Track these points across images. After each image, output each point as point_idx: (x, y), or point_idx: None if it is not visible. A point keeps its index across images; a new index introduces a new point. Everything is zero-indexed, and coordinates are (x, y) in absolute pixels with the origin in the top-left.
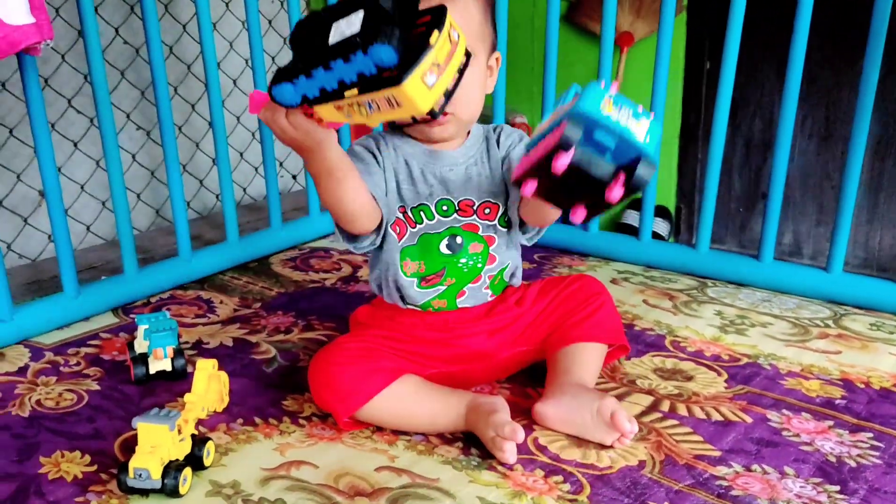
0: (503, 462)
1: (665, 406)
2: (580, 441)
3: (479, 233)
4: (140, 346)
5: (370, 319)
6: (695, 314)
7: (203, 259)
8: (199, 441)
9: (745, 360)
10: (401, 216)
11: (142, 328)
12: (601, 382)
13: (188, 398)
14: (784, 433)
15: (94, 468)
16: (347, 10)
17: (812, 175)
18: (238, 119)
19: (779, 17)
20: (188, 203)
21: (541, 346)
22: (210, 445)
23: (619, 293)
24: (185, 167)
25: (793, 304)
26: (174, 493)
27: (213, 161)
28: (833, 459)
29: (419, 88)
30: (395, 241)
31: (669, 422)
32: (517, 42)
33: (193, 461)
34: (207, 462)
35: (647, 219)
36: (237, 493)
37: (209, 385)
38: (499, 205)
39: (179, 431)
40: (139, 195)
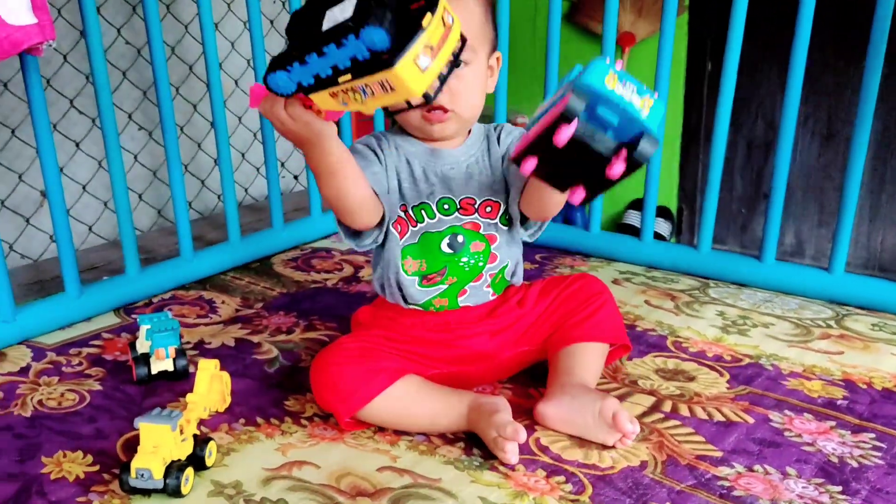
0: (505, 462)
1: (667, 406)
2: (582, 441)
3: (481, 231)
4: (142, 347)
5: (371, 320)
6: (696, 315)
7: (205, 259)
8: (201, 441)
9: (747, 361)
10: (402, 215)
11: (144, 328)
12: (603, 383)
13: (190, 398)
14: (786, 434)
15: (97, 468)
16: None
17: (813, 175)
18: (240, 119)
19: (780, 18)
20: (190, 203)
21: (542, 347)
22: (212, 445)
23: (621, 293)
24: (187, 167)
25: (795, 305)
26: (176, 493)
27: (215, 161)
28: (835, 460)
29: (412, 71)
30: (397, 240)
31: (671, 422)
32: (519, 42)
33: (195, 461)
34: (209, 462)
35: (649, 219)
36: (239, 494)
37: (211, 385)
38: (500, 203)
39: (181, 431)
40: (141, 195)
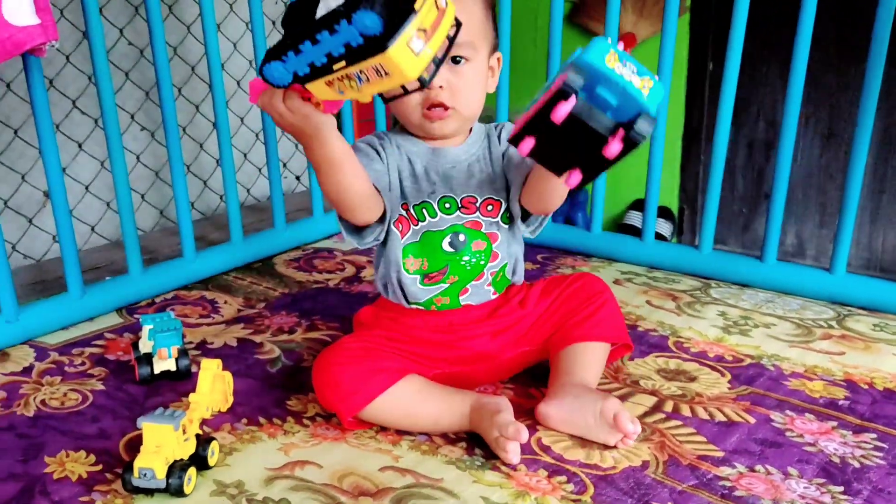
0: (507, 462)
1: (668, 407)
2: (584, 441)
3: (482, 230)
4: (145, 346)
5: (373, 320)
6: (698, 315)
7: (207, 259)
8: (204, 441)
9: (749, 361)
10: (403, 213)
11: (146, 328)
12: (604, 383)
13: (193, 398)
14: (787, 434)
15: (99, 468)
16: None
17: (815, 176)
18: (242, 120)
19: (782, 18)
20: (192, 204)
21: (543, 347)
22: (214, 445)
23: (623, 294)
24: (189, 168)
25: (796, 305)
26: (179, 493)
27: (217, 162)
28: (837, 460)
29: (405, 54)
30: (398, 239)
31: (673, 422)
32: (520, 43)
33: (198, 461)
34: (212, 462)
35: (650, 219)
36: (241, 493)
37: (214, 385)
38: (501, 201)
39: (184, 431)
40: (143, 196)
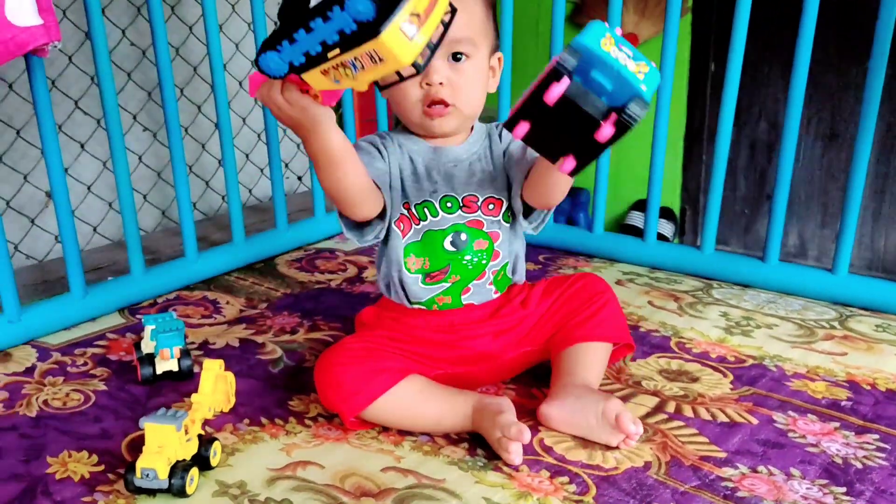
0: (509, 463)
1: (670, 407)
2: (586, 442)
3: (484, 229)
4: (147, 347)
5: (375, 320)
6: (700, 315)
7: (209, 260)
8: (206, 441)
9: (751, 362)
10: (405, 213)
11: (148, 328)
12: (606, 383)
13: (195, 398)
14: (790, 434)
15: (102, 468)
16: None
17: (817, 176)
18: (244, 120)
19: (784, 18)
20: (194, 204)
21: (545, 347)
22: (217, 446)
23: (624, 294)
24: (192, 168)
25: (798, 306)
26: (181, 493)
27: (219, 162)
28: (839, 461)
29: (398, 39)
30: (400, 238)
31: (675, 423)
32: (521, 43)
33: (200, 461)
34: (214, 462)
35: (652, 220)
36: (244, 494)
37: (216, 385)
38: (502, 200)
39: (186, 431)
40: (145, 196)
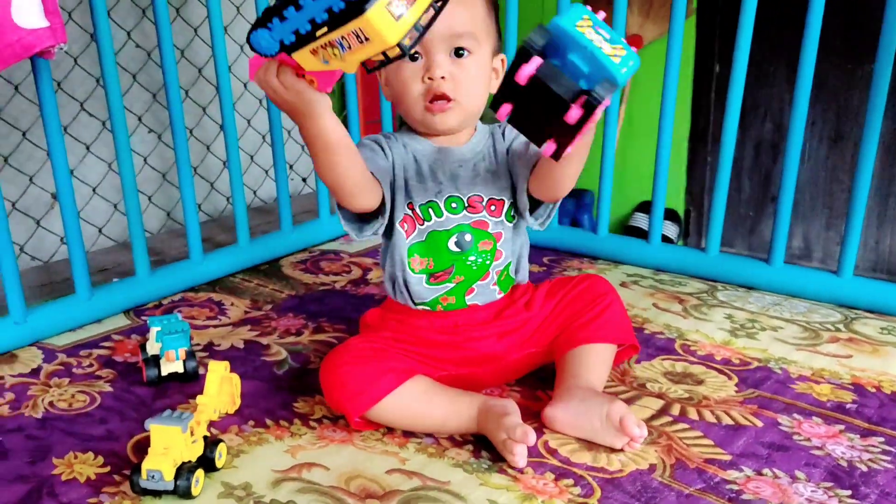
0: (514, 465)
1: (675, 410)
2: (590, 444)
3: (489, 230)
4: (152, 348)
5: (380, 322)
6: (705, 318)
7: (214, 261)
8: (211, 443)
9: (756, 364)
10: (409, 213)
11: (154, 330)
12: (611, 385)
13: (200, 400)
14: (795, 437)
15: (107, 469)
16: None
17: (822, 178)
18: (248, 122)
19: (789, 20)
20: (199, 206)
21: (549, 348)
22: (222, 447)
23: (629, 296)
24: (197, 170)
25: (803, 308)
26: (186, 495)
27: (224, 164)
28: (844, 464)
29: (384, 17)
30: (404, 238)
31: (680, 425)
32: None
33: (205, 463)
34: (219, 464)
35: (657, 222)
36: (249, 495)
37: (221, 387)
38: (504, 200)
39: (192, 433)
40: (151, 198)
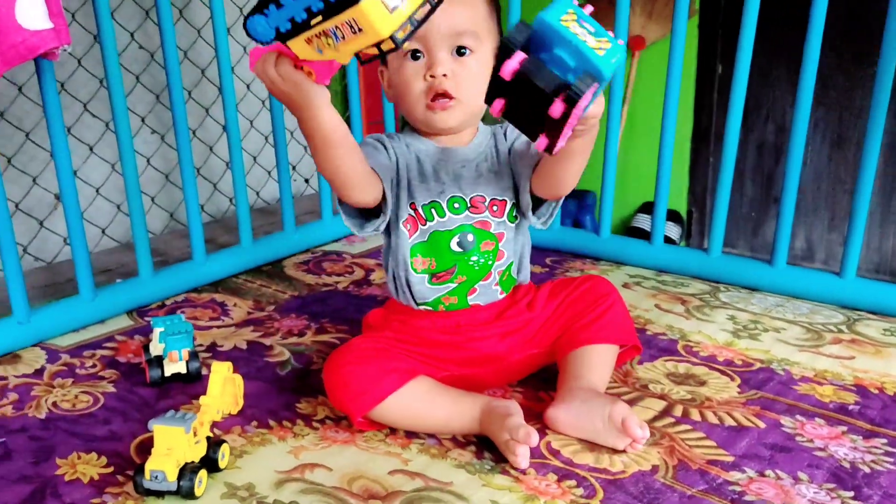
0: (516, 466)
1: (678, 411)
2: (593, 445)
3: (491, 230)
4: (155, 349)
5: (382, 322)
6: (707, 319)
7: (217, 262)
8: (215, 443)
9: (758, 365)
10: (412, 213)
11: (157, 331)
12: (613, 386)
13: (203, 401)
14: (797, 438)
15: (111, 470)
16: None
17: (825, 179)
18: (251, 123)
19: (792, 20)
20: (202, 206)
21: (551, 349)
22: (225, 448)
23: (631, 297)
24: (200, 171)
25: (806, 309)
26: (189, 495)
27: (227, 165)
28: (847, 465)
29: (378, 9)
30: (406, 238)
31: (682, 427)
32: None
33: (209, 463)
34: (222, 464)
35: (659, 223)
36: (252, 496)
37: (224, 388)
38: (506, 200)
39: (195, 434)
40: (154, 198)
